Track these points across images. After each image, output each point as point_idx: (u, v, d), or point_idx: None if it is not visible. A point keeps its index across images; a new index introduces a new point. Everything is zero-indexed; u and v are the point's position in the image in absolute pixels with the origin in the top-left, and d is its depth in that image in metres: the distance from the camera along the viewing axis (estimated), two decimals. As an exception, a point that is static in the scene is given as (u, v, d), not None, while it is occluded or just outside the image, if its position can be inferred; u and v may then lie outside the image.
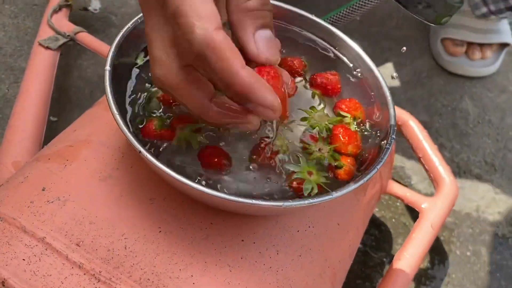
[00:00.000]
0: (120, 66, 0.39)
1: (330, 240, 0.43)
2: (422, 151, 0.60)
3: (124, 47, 0.40)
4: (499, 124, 0.84)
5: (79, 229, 0.37)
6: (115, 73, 0.37)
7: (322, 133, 0.40)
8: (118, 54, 0.39)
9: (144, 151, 0.32)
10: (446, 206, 0.56)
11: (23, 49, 0.79)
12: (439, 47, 0.91)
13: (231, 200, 0.32)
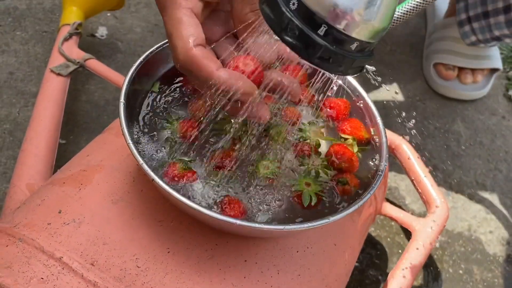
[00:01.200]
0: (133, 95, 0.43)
1: (327, 260, 0.46)
2: (415, 174, 0.63)
3: (136, 80, 0.44)
4: (490, 145, 0.87)
5: (93, 249, 0.40)
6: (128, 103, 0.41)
7: (311, 144, 0.44)
8: (131, 87, 0.42)
9: (156, 178, 0.35)
10: (438, 227, 0.58)
11: (33, 74, 0.82)
12: (431, 72, 0.95)
13: (236, 223, 0.35)
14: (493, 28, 0.79)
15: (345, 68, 0.34)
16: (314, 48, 0.32)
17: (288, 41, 0.32)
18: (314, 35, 0.31)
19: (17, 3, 0.93)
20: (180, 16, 0.36)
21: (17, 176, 0.56)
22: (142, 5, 0.98)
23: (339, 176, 0.42)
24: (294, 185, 0.41)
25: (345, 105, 0.47)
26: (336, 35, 0.31)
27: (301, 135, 0.45)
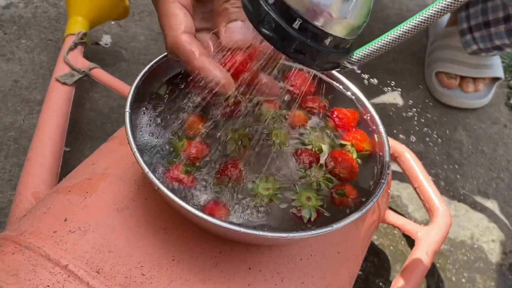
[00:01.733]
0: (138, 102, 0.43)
1: (331, 268, 0.46)
2: (418, 182, 0.63)
3: (141, 89, 0.44)
4: (492, 154, 0.88)
5: (99, 257, 0.40)
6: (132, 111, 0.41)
7: (312, 150, 0.44)
8: (136, 96, 0.43)
9: (162, 187, 0.36)
10: (441, 235, 0.59)
11: (38, 82, 0.83)
12: (433, 80, 0.95)
13: (240, 231, 0.35)
14: (494, 37, 0.80)
15: (320, 63, 0.35)
16: (289, 41, 0.33)
17: (265, 33, 0.34)
18: (289, 28, 0.33)
19: (22, 12, 0.94)
20: (171, 9, 0.39)
21: (23, 185, 0.57)
22: (146, 13, 0.99)
23: (337, 187, 0.42)
24: (294, 200, 0.41)
25: (353, 116, 0.47)
26: (310, 29, 0.33)
27: (302, 140, 0.45)
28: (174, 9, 0.38)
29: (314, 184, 0.42)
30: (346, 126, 0.47)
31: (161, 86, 0.47)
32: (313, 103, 0.48)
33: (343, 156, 0.43)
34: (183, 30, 0.38)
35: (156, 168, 0.41)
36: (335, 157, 0.44)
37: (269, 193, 0.40)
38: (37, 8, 0.95)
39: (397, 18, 1.11)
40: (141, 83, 0.44)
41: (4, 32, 0.89)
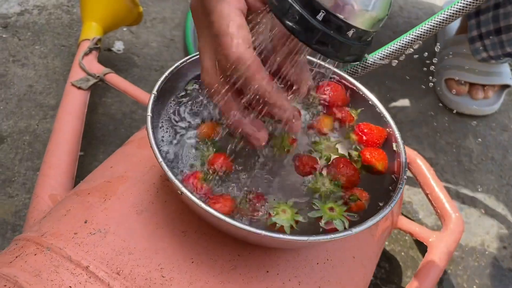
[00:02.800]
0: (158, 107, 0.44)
1: (347, 272, 0.47)
2: (430, 188, 0.64)
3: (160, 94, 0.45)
4: (501, 161, 0.88)
5: (119, 259, 0.41)
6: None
7: (321, 158, 0.44)
8: (157, 101, 0.44)
9: (186, 191, 0.36)
10: (453, 241, 0.59)
11: (52, 87, 0.84)
12: (443, 87, 0.96)
13: (261, 234, 0.36)
14: (506, 44, 0.80)
15: (342, 54, 0.35)
16: (312, 32, 0.34)
17: (289, 25, 0.34)
18: (313, 20, 0.33)
19: (36, 18, 0.95)
20: (233, 15, 0.36)
21: (40, 187, 0.57)
22: (158, 20, 1.00)
23: (347, 193, 0.42)
24: (318, 216, 0.40)
25: (380, 134, 0.46)
26: (333, 21, 0.33)
27: (313, 147, 0.46)
28: (237, 16, 0.36)
29: (328, 193, 0.42)
30: (370, 143, 0.46)
31: (188, 83, 0.48)
32: (341, 113, 0.48)
33: (345, 163, 0.43)
34: (249, 45, 0.36)
35: (175, 171, 0.42)
36: (336, 164, 0.44)
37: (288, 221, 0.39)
38: (50, 15, 0.96)
39: (405, 26, 1.12)
40: (161, 88, 0.45)
41: (19, 38, 0.90)
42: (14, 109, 0.80)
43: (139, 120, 0.82)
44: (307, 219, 0.40)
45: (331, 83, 0.50)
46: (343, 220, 0.39)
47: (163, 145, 0.44)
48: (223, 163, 0.41)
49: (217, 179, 0.42)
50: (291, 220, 0.38)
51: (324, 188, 0.42)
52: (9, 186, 0.70)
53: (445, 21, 0.58)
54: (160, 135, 0.45)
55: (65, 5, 0.99)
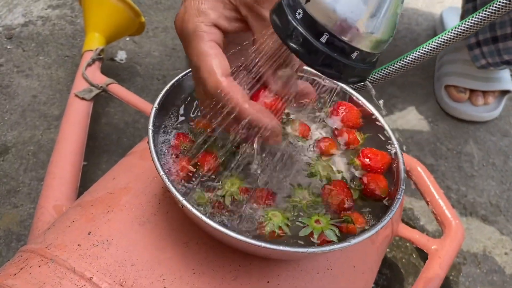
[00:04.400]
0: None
1: (347, 281, 0.47)
2: (430, 196, 0.64)
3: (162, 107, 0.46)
4: (502, 166, 0.88)
5: (122, 270, 0.41)
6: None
7: (322, 181, 0.44)
8: (159, 114, 0.44)
9: (186, 203, 0.37)
10: (454, 248, 0.59)
11: (56, 97, 0.85)
12: (443, 94, 0.96)
13: (261, 246, 0.36)
14: (503, 53, 0.81)
15: (346, 76, 0.35)
16: (316, 55, 0.34)
17: (293, 48, 0.34)
18: (317, 42, 0.34)
19: (40, 29, 0.97)
20: (205, 48, 0.37)
21: (44, 198, 0.58)
22: (160, 29, 1.02)
23: (343, 214, 0.42)
24: (307, 230, 0.40)
25: (383, 160, 0.46)
26: (337, 43, 0.33)
27: (310, 170, 0.45)
28: (209, 49, 0.37)
29: (300, 206, 0.42)
30: (374, 168, 0.45)
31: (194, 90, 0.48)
32: (348, 135, 0.48)
33: (341, 187, 0.43)
34: (224, 74, 0.37)
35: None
36: (332, 187, 0.43)
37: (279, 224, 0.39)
38: (54, 26, 0.98)
39: (406, 32, 1.13)
40: (164, 100, 0.46)
41: (23, 49, 0.92)
42: (18, 120, 0.81)
43: (141, 130, 0.83)
44: (296, 223, 0.40)
45: (347, 104, 0.50)
46: (332, 229, 0.40)
47: (164, 155, 0.45)
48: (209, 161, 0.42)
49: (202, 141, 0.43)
50: (281, 223, 0.39)
51: (304, 202, 0.42)
52: (14, 196, 0.71)
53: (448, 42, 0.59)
54: (160, 143, 0.46)
55: (69, 16, 1.00)
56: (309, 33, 0.34)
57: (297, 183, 0.43)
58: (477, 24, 0.57)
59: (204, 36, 0.38)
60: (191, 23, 0.38)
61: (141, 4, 1.06)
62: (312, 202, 0.42)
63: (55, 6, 1.02)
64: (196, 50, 0.38)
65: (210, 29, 0.38)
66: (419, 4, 1.21)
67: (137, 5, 0.85)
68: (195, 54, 0.38)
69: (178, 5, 1.07)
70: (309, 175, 0.45)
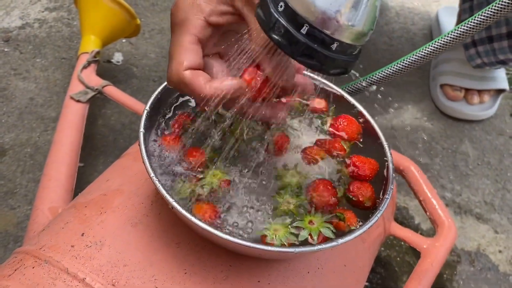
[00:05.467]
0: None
1: (338, 280, 0.48)
2: (423, 195, 0.65)
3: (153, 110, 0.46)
4: (498, 165, 0.88)
5: (114, 271, 0.42)
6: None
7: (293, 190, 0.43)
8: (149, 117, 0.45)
9: (176, 205, 0.37)
10: (446, 246, 0.60)
11: (53, 99, 0.86)
12: (438, 93, 0.97)
13: (249, 246, 0.37)
14: (498, 52, 0.81)
15: (327, 67, 0.36)
16: (296, 45, 0.35)
17: (275, 39, 0.35)
18: (298, 34, 0.35)
19: (37, 32, 0.97)
20: (182, 41, 0.39)
21: (40, 200, 0.59)
22: (156, 31, 1.02)
23: (338, 210, 0.42)
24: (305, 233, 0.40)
25: (371, 167, 0.46)
26: (317, 34, 0.34)
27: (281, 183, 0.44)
28: (186, 43, 0.39)
29: (290, 211, 0.42)
30: (362, 176, 0.45)
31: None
32: (333, 145, 0.48)
33: (325, 185, 0.43)
34: (187, 67, 0.39)
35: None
36: (316, 186, 0.43)
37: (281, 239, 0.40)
38: (51, 28, 0.98)
39: (402, 32, 1.13)
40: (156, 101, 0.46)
41: (20, 52, 0.92)
42: (15, 122, 0.81)
43: (138, 131, 0.83)
44: (300, 237, 0.40)
45: (348, 117, 0.50)
46: (327, 226, 0.40)
47: (155, 157, 0.46)
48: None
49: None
50: (287, 234, 0.39)
51: (292, 206, 0.42)
52: (11, 198, 0.72)
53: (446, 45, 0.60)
54: (152, 147, 0.46)
55: (66, 18, 1.01)
56: (290, 25, 0.35)
57: (276, 192, 0.44)
58: (475, 27, 0.57)
59: (190, 29, 0.39)
60: (183, 12, 0.40)
61: (137, 6, 1.07)
62: (298, 202, 0.42)
63: (52, 9, 1.02)
64: (175, 40, 0.40)
65: (199, 23, 0.39)
66: (415, 3, 1.21)
67: (133, 7, 0.85)
68: (174, 43, 0.40)
69: (175, 7, 1.08)
70: (280, 188, 0.44)
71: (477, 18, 0.57)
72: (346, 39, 0.35)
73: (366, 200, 0.43)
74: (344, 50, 0.36)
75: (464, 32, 0.58)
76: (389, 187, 0.44)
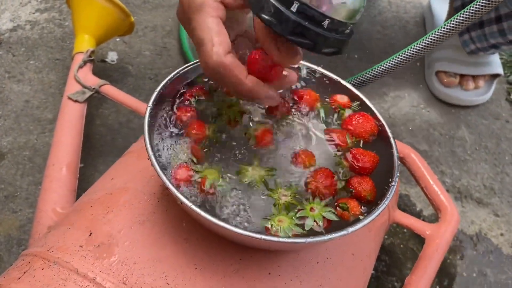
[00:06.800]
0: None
1: (346, 269, 0.48)
2: (425, 182, 0.65)
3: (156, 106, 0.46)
4: (495, 149, 0.89)
5: (124, 269, 0.42)
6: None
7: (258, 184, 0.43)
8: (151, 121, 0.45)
9: (186, 201, 0.37)
10: (449, 232, 0.60)
11: (48, 101, 0.85)
12: (434, 80, 0.97)
13: (260, 238, 0.37)
14: (489, 37, 0.82)
15: (320, 46, 0.36)
16: (287, 24, 0.35)
17: (265, 19, 0.35)
18: (288, 11, 0.35)
19: (29, 33, 0.96)
20: (210, 23, 0.38)
21: (43, 202, 0.59)
22: (149, 29, 1.02)
23: (340, 200, 0.42)
24: (310, 221, 0.40)
25: (372, 160, 0.45)
26: (307, 11, 0.34)
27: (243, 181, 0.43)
28: (214, 24, 0.38)
29: (289, 202, 0.41)
30: (363, 170, 0.44)
31: (199, 76, 0.49)
32: (337, 136, 0.47)
33: (324, 173, 0.43)
34: (227, 50, 0.38)
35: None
36: (315, 173, 0.43)
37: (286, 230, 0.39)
38: (43, 29, 0.97)
39: (395, 21, 1.13)
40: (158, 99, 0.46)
41: (13, 54, 0.91)
42: (12, 125, 0.81)
43: (136, 129, 0.83)
44: (306, 227, 0.40)
45: (367, 116, 0.48)
46: (329, 210, 0.40)
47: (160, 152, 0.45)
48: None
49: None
50: (291, 225, 0.39)
51: (289, 198, 0.42)
52: (12, 202, 0.72)
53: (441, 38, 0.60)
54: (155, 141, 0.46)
55: (57, 19, 1.00)
56: (279, 3, 0.35)
57: (267, 193, 0.42)
58: (468, 19, 0.58)
59: (211, 11, 0.39)
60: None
61: (129, 4, 1.06)
62: (294, 190, 0.42)
63: (43, 10, 1.01)
64: (202, 24, 0.39)
65: (217, 5, 0.39)
66: (407, -8, 1.22)
67: (125, 5, 0.85)
68: (201, 27, 0.39)
69: (166, 3, 1.07)
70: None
71: (470, 9, 0.57)
72: (338, 16, 0.35)
73: (368, 194, 0.43)
74: (336, 28, 0.36)
75: (459, 23, 0.58)
76: (395, 174, 0.44)
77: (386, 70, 0.63)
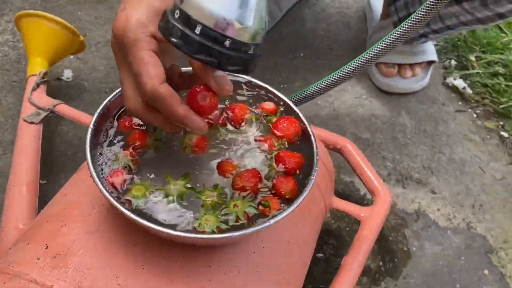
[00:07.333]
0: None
1: (283, 256, 0.54)
2: (360, 169, 0.72)
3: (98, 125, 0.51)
4: (433, 132, 0.97)
5: (79, 275, 0.47)
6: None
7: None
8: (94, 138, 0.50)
9: (124, 210, 0.43)
10: (382, 212, 0.67)
11: (8, 123, 0.89)
12: (374, 71, 1.04)
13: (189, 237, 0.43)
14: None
15: (224, 64, 0.41)
16: (192, 44, 0.40)
17: (174, 42, 0.40)
18: (192, 34, 0.40)
19: (-16, 58, 0.99)
20: (146, 57, 0.42)
21: (6, 220, 0.63)
22: (102, 44, 1.05)
23: (263, 198, 0.47)
24: (232, 217, 0.45)
25: (296, 160, 0.50)
26: (210, 33, 0.39)
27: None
28: (149, 57, 0.42)
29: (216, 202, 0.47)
30: (289, 169, 0.50)
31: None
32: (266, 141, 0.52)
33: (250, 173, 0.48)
34: (162, 81, 0.42)
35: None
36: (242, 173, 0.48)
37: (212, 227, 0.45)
38: (-3, 52, 1.00)
39: (339, 17, 1.20)
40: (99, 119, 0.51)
41: (-31, 80, 0.95)
42: (-26, 149, 0.84)
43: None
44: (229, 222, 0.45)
45: (290, 119, 0.53)
46: (250, 205, 0.46)
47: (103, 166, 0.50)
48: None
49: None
50: (217, 223, 0.45)
51: (215, 198, 0.47)
52: (-20, 223, 0.75)
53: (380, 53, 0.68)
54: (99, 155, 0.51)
55: (11, 41, 1.03)
56: (185, 27, 0.40)
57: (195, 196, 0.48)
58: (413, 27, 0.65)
59: (145, 45, 0.43)
60: (133, 33, 0.43)
61: (81, 20, 1.09)
62: (219, 191, 0.47)
63: (-4, 33, 1.04)
64: (137, 58, 0.42)
65: (150, 39, 0.43)
66: (348, -12, 1.28)
67: (77, 22, 0.89)
68: (136, 61, 0.43)
69: (117, 17, 1.11)
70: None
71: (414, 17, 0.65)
72: (237, 37, 0.40)
73: (287, 193, 0.48)
74: (238, 48, 0.41)
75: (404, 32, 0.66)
76: (314, 169, 0.50)
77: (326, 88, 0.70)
